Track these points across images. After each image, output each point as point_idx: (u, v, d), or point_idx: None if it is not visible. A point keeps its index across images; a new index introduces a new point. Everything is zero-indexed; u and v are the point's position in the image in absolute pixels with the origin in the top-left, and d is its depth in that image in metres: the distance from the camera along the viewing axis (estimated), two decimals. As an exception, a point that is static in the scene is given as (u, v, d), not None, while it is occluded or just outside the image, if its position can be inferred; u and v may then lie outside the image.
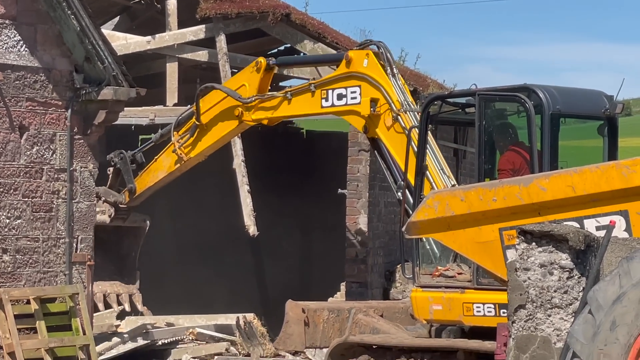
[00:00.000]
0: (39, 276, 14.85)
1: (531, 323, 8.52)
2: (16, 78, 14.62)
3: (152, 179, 17.76)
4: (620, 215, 9.49)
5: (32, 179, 14.87)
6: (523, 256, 8.60)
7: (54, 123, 15.08)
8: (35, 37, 14.83)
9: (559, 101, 13.78)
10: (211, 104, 16.98)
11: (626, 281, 7.22)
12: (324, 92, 15.94)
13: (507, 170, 13.61)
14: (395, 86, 15.31)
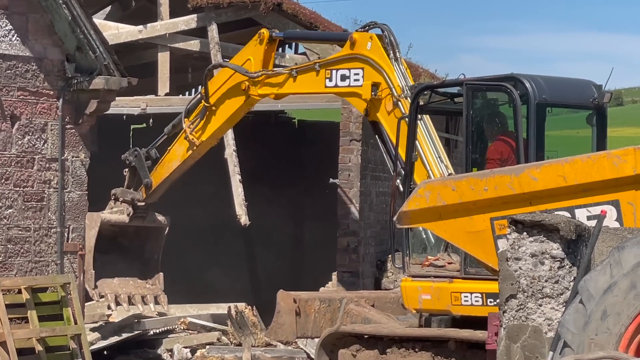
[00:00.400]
0: (30, 266, 14.86)
1: (522, 313, 8.52)
2: (7, 67, 14.61)
3: (166, 170, 17.80)
4: (611, 205, 9.50)
5: (24, 168, 14.86)
6: (514, 246, 8.60)
7: (46, 112, 15.07)
8: (26, 26, 14.82)
9: (545, 91, 13.80)
10: (219, 84, 17.07)
11: (617, 271, 7.21)
12: (328, 72, 16.06)
13: (495, 160, 13.64)
14: (398, 71, 15.37)
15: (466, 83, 14.07)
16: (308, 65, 16.71)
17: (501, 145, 13.99)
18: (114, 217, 17.79)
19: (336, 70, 15.81)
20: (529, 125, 13.68)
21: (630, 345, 7.03)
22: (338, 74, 15.76)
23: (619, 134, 43.64)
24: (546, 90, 13.86)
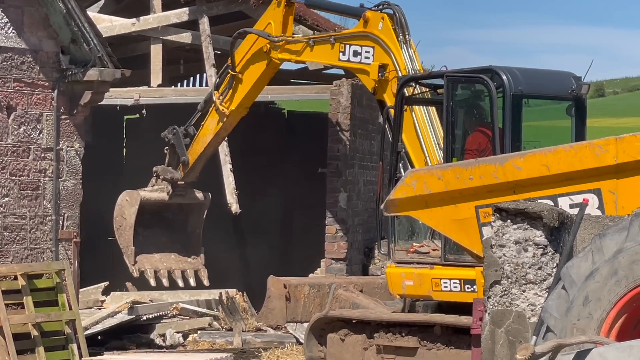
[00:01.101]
0: (26, 253, 14.85)
1: (506, 298, 8.54)
2: (3, 59, 14.61)
3: (201, 145, 18.19)
4: (593, 193, 9.51)
5: (19, 158, 14.86)
6: (498, 233, 8.61)
7: (41, 103, 15.07)
8: (22, 19, 14.81)
9: (521, 82, 13.87)
10: (243, 52, 17.44)
11: (599, 257, 7.23)
12: (342, 46, 16.35)
13: (473, 150, 13.72)
14: (405, 54, 15.54)
15: (446, 75, 14.16)
16: (324, 37, 17.09)
17: (479, 135, 14.06)
18: (154, 195, 18.16)
19: (349, 45, 16.12)
20: (505, 116, 13.77)
21: (611, 330, 7.05)
22: (351, 49, 16.05)
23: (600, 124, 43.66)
24: (523, 81, 13.92)
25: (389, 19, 15.81)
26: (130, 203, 18.28)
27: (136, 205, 18.12)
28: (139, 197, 18.17)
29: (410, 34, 15.90)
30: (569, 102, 14.59)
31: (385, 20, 15.78)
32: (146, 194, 18.29)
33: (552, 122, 14.80)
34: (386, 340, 14.17)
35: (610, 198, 9.49)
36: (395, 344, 14.09)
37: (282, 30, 17.00)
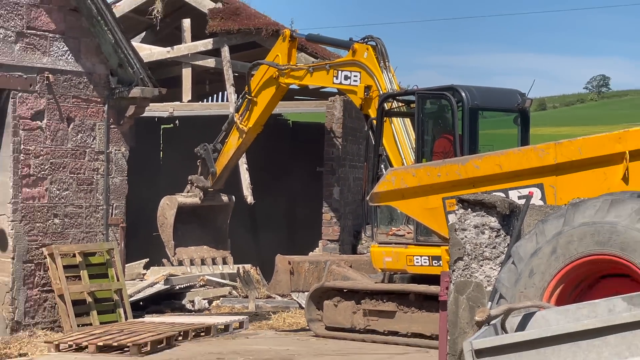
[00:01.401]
0: (82, 235, 14.87)
1: (467, 271, 8.54)
2: (64, 80, 14.61)
3: (225, 158, 18.22)
4: (536, 187, 9.52)
5: (77, 159, 14.86)
6: (461, 219, 8.60)
7: (94, 115, 15.07)
8: (79, 48, 14.80)
9: (477, 98, 13.95)
10: (257, 80, 17.41)
11: (541, 239, 7.23)
12: (335, 72, 16.40)
13: (439, 153, 13.79)
14: (385, 77, 15.63)
15: (417, 92, 14.29)
16: (321, 65, 17.10)
17: (444, 141, 14.12)
18: (189, 200, 18.43)
19: (341, 71, 16.17)
20: (464, 125, 13.85)
21: (551, 297, 7.05)
22: (342, 74, 16.11)
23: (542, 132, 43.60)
24: (478, 97, 13.99)
25: (373, 49, 15.86)
26: (170, 206, 18.49)
27: (175, 209, 18.37)
28: (177, 202, 18.45)
29: (389, 60, 15.96)
30: (515, 114, 14.64)
31: (369, 50, 15.82)
32: (182, 199, 18.52)
33: (502, 130, 14.79)
34: (371, 305, 14.19)
35: (551, 191, 9.49)
36: (378, 309, 14.11)
37: (287, 60, 17.07)
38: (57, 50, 14.53)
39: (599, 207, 7.14)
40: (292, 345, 13.95)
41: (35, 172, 14.29)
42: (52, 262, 14.21)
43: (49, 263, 14.24)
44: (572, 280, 7.16)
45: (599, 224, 7.06)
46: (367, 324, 14.15)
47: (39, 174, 14.35)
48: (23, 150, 14.15)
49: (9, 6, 13.90)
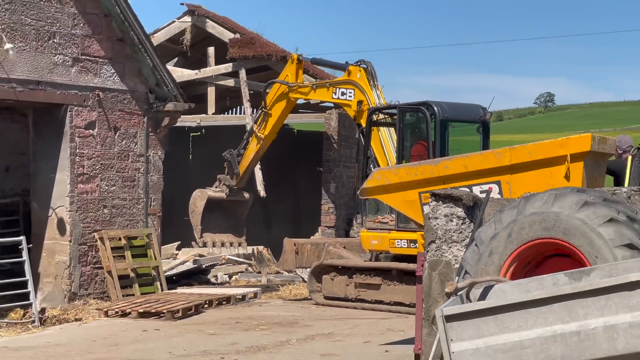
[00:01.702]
0: (126, 222, 14.89)
1: (439, 252, 8.53)
2: (112, 97, 14.63)
3: (246, 161, 18.20)
4: (495, 184, 9.50)
5: (122, 161, 14.87)
6: (433, 210, 8.60)
7: (136, 125, 15.08)
8: (124, 70, 14.81)
9: (447, 111, 14.01)
10: (271, 96, 17.39)
11: (499, 226, 7.22)
12: (334, 89, 16.40)
13: (416, 156, 13.84)
14: (375, 94, 15.74)
15: (398, 107, 14.32)
16: (322, 83, 17.14)
17: (419, 147, 14.16)
18: (217, 195, 18.57)
19: (339, 88, 16.25)
20: (436, 134, 13.89)
21: (506, 272, 7.04)
22: (340, 90, 16.19)
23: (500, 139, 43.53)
24: (448, 111, 14.04)
25: (364, 71, 15.90)
26: (200, 197, 18.59)
27: (204, 200, 18.47)
28: (207, 195, 18.55)
29: (377, 80, 16.01)
30: (478, 124, 14.67)
31: (361, 72, 15.88)
32: (211, 193, 18.60)
33: (467, 137, 14.81)
34: (360, 279, 14.22)
35: (506, 187, 9.48)
36: (367, 282, 14.14)
37: (295, 79, 17.13)
38: (106, 72, 14.53)
39: (545, 200, 7.13)
40: (296, 311, 13.99)
41: (88, 171, 14.30)
42: (102, 245, 14.24)
43: (99, 245, 14.27)
44: (523, 259, 7.16)
45: (546, 213, 7.06)
46: (357, 294, 14.17)
47: (91, 172, 14.35)
48: (78, 153, 14.15)
49: (67, 36, 13.90)
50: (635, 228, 6.92)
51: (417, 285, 8.89)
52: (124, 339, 11.52)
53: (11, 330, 12.13)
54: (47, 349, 10.88)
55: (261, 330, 12.15)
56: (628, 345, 5.02)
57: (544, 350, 5.10)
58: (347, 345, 10.99)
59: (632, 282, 5.05)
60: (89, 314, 13.23)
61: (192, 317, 13.20)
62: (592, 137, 9.55)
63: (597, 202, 7.03)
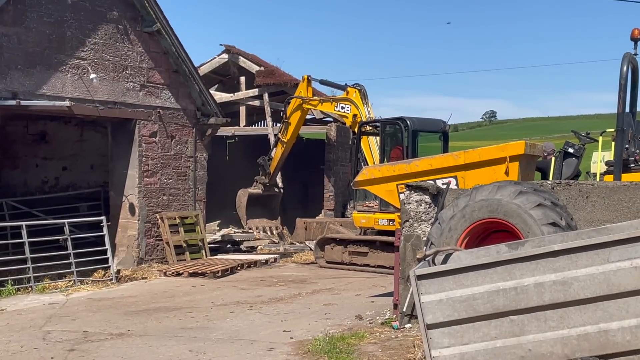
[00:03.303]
0: (179, 206, 14.90)
1: (411, 228, 8.54)
2: (169, 113, 14.63)
3: (274, 162, 17.89)
4: (453, 178, 9.51)
5: (177, 161, 14.87)
6: (407, 197, 8.60)
7: (187, 134, 15.07)
8: (178, 94, 14.82)
9: (417, 124, 13.99)
10: (290, 109, 17.12)
11: (456, 209, 7.23)
12: (335, 103, 16.20)
13: (394, 158, 13.80)
14: (366, 110, 15.67)
15: (380, 121, 14.31)
16: (328, 99, 16.87)
17: (397, 151, 14.13)
18: (255, 191, 18.39)
19: (339, 103, 16.14)
20: (409, 141, 13.85)
21: (462, 244, 7.05)
22: (340, 105, 16.17)
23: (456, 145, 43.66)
24: (418, 124, 14.03)
25: (359, 92, 15.86)
26: (244, 195, 18.43)
27: (247, 196, 18.25)
28: (248, 192, 18.34)
29: (368, 99, 15.97)
30: (440, 134, 14.64)
31: (357, 92, 15.85)
32: (251, 190, 18.42)
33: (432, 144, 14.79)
34: (352, 248, 14.23)
35: (461, 180, 9.49)
36: (357, 250, 14.14)
37: (306, 94, 16.99)
38: (164, 95, 14.54)
39: (490, 190, 7.13)
40: (305, 272, 13.99)
41: (151, 168, 14.31)
42: (162, 223, 14.25)
43: (159, 223, 14.28)
44: (474, 234, 7.16)
45: (491, 200, 7.06)
46: (350, 259, 14.18)
47: (154, 169, 14.37)
48: (144, 155, 14.17)
49: (136, 69, 13.92)
50: (557, 211, 6.93)
51: (395, 253, 8.92)
52: (178, 292, 11.54)
53: (95, 285, 12.16)
54: (122, 299, 10.91)
55: (279, 286, 12.16)
56: (552, 297, 5.02)
57: (490, 301, 5.10)
58: (343, 297, 11.00)
59: (555, 250, 5.06)
60: (152, 274, 13.25)
61: (228, 276, 13.21)
62: (525, 144, 9.55)
63: (529, 191, 7.04)
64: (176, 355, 7.43)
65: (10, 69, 11.77)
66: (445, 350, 5.12)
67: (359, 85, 15.94)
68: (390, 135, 14.59)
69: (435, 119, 14.76)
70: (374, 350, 7.33)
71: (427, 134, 14.58)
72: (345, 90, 16.10)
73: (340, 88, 17.14)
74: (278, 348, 7.64)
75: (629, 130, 10.98)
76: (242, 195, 18.48)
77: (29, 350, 7.71)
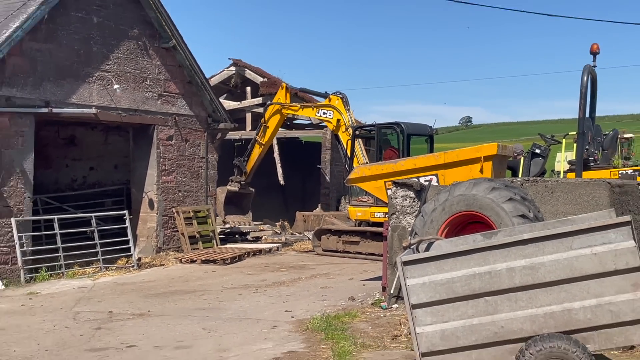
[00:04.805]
0: (193, 201, 14.88)
1: (398, 220, 8.54)
2: (184, 119, 14.59)
3: (251, 162, 17.06)
4: (434, 175, 9.53)
5: (191, 161, 14.85)
6: (394, 192, 8.61)
7: (200, 138, 15.04)
8: (191, 102, 14.79)
9: (410, 128, 13.93)
10: (269, 113, 16.51)
11: (437, 203, 7.23)
12: (317, 109, 15.68)
13: (387, 158, 13.73)
14: (348, 116, 15.37)
15: (376, 125, 14.23)
16: (309, 105, 16.36)
17: (390, 152, 14.09)
18: (232, 189, 17.38)
19: (321, 109, 15.74)
20: (403, 143, 13.81)
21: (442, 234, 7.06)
22: (322, 111, 15.69)
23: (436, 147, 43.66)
24: (410, 128, 13.98)
25: (341, 99, 15.62)
26: (222, 191, 17.40)
27: (224, 193, 17.20)
28: (226, 189, 17.30)
29: (349, 105, 15.63)
30: (427, 137, 14.63)
31: (339, 99, 15.57)
32: (229, 188, 17.30)
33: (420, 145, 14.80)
34: (346, 238, 14.21)
35: (442, 178, 9.51)
36: (350, 240, 14.12)
37: (285, 100, 16.25)
38: (179, 103, 14.51)
39: (467, 186, 7.14)
40: (304, 259, 13.98)
41: (168, 168, 14.29)
42: (178, 216, 14.23)
43: (175, 216, 14.26)
44: (453, 225, 7.17)
45: (467, 194, 7.06)
46: (344, 247, 14.17)
47: (170, 169, 14.35)
48: (162, 156, 14.14)
49: (154, 80, 13.90)
50: (526, 204, 6.94)
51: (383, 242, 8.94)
52: (192, 277, 11.54)
53: (118, 271, 12.16)
54: (142, 283, 10.90)
55: (281, 271, 12.15)
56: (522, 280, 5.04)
57: (467, 284, 5.11)
58: (338, 281, 11.00)
59: (524, 239, 5.07)
60: (169, 261, 13.23)
61: (236, 263, 13.20)
62: (497, 145, 9.57)
63: (501, 187, 7.04)
64: (191, 332, 7.44)
65: (43, 81, 11.75)
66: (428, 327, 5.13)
67: (341, 93, 15.53)
68: (385, 138, 14.57)
69: (423, 124, 14.78)
70: (365, 328, 7.35)
71: (416, 137, 14.60)
72: (328, 97, 15.83)
73: (319, 95, 16.71)
74: (281, 326, 7.64)
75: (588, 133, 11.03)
76: (220, 193, 17.72)
77: (61, 329, 7.72)
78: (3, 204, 11.10)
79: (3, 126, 11.10)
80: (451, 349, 5.03)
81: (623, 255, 4.85)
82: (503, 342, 4.97)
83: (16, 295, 9.91)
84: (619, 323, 4.85)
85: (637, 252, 4.85)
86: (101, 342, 7.12)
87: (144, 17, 13.57)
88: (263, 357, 6.35)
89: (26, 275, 11.12)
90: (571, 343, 4.81)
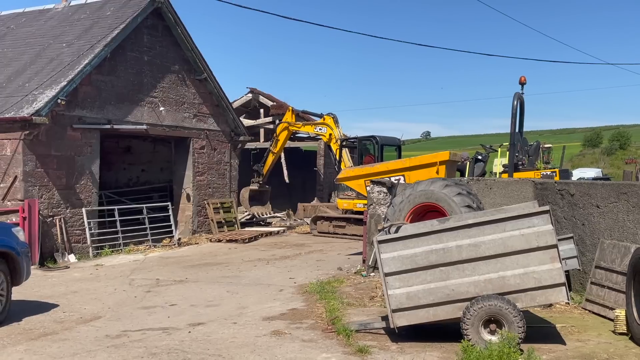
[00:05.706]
0: (220, 196, 14.79)
1: (374, 210, 8.54)
2: (211, 133, 14.49)
3: (266, 167, 16.83)
4: (402, 176, 9.52)
5: (218, 165, 14.77)
6: (372, 188, 8.60)
7: (225, 147, 14.96)
8: (218, 120, 14.72)
9: (383, 140, 13.90)
10: (280, 129, 16.34)
11: (404, 196, 7.23)
12: (314, 126, 15.57)
13: (366, 163, 13.67)
14: (338, 131, 15.29)
15: (358, 138, 14.17)
16: (309, 123, 16.22)
17: (369, 158, 14.08)
18: (253, 187, 16.99)
19: (317, 126, 15.65)
20: (378, 152, 13.78)
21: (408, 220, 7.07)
22: (318, 127, 15.61)
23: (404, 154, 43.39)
24: (383, 140, 13.95)
25: (332, 118, 15.51)
26: (246, 191, 17.07)
27: (248, 191, 16.81)
28: (249, 188, 16.93)
29: (339, 123, 15.52)
30: (396, 146, 14.60)
31: (331, 118, 15.46)
32: (251, 187, 16.94)
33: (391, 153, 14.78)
34: (336, 223, 14.15)
35: (408, 177, 9.49)
36: (339, 224, 14.05)
37: (291, 119, 16.16)
38: (210, 121, 14.45)
39: (426, 184, 7.14)
40: (304, 239, 13.93)
41: (201, 170, 14.23)
42: (208, 206, 14.16)
43: (207, 207, 14.19)
44: (416, 213, 7.17)
45: (427, 190, 7.06)
46: (334, 230, 14.13)
47: (202, 170, 14.29)
48: (196, 161, 14.07)
49: (190, 104, 13.84)
50: (471, 197, 6.94)
51: (364, 225, 8.94)
52: (219, 252, 11.50)
53: (163, 248, 12.11)
54: (181, 257, 10.87)
55: (287, 248, 12.13)
56: (467, 255, 5.05)
57: (426, 257, 5.12)
58: (330, 256, 10.98)
59: (469, 223, 5.08)
60: (202, 241, 13.18)
61: (252, 242, 13.16)
62: (449, 153, 9.56)
63: (452, 184, 7.04)
64: (218, 294, 7.44)
65: (106, 104, 11.72)
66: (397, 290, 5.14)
67: (332, 114, 15.52)
68: (365, 148, 14.55)
69: (393, 137, 14.77)
70: (350, 290, 7.37)
71: (388, 147, 14.59)
72: (322, 117, 15.82)
73: (316, 115, 16.52)
74: (286, 289, 7.66)
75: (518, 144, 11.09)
76: (245, 191, 17.50)
77: (120, 292, 7.73)
78: (76, 197, 11.08)
79: (76, 139, 11.10)
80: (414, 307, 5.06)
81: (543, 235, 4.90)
82: (454, 301, 5.00)
83: (86, 267, 9.90)
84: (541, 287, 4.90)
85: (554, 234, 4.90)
86: (150, 301, 7.13)
87: (182, 56, 13.53)
88: (273, 313, 6.37)
89: (93, 252, 11.11)
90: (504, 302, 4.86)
